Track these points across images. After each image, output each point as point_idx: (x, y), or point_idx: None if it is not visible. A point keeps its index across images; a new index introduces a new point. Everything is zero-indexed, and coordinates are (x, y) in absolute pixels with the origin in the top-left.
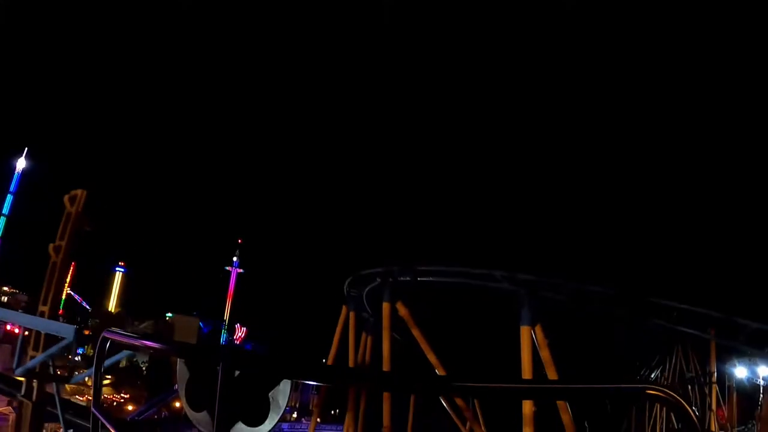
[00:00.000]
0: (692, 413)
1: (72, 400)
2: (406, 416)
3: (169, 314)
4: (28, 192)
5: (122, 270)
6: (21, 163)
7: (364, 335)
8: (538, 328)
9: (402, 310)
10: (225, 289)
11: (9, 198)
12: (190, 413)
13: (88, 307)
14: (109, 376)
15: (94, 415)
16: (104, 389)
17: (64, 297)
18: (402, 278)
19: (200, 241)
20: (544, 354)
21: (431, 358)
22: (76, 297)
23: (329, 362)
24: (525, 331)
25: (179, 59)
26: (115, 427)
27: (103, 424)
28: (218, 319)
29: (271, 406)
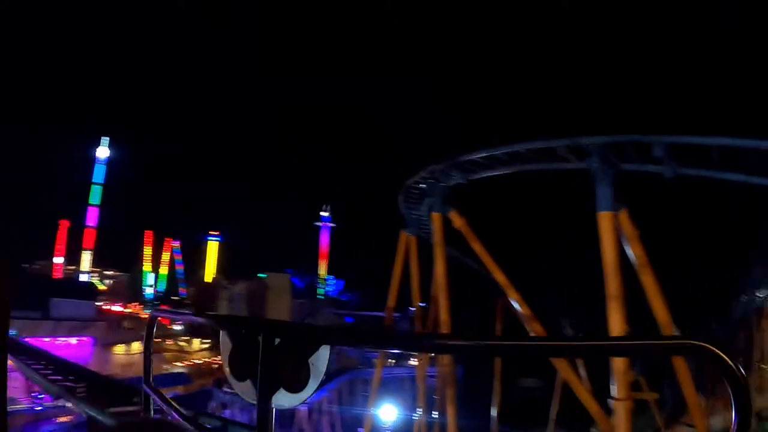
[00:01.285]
0: (737, 370)
1: (172, 366)
2: None
3: (262, 274)
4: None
5: (217, 239)
6: (103, 152)
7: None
8: (622, 215)
9: (457, 221)
10: (317, 244)
11: (102, 168)
12: (234, 383)
13: (184, 277)
14: (209, 341)
15: (144, 391)
16: (202, 353)
17: (166, 272)
18: (450, 180)
19: (289, 199)
20: (635, 249)
21: (498, 277)
22: (180, 269)
23: (391, 300)
24: (605, 219)
25: None
26: (165, 403)
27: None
28: (313, 274)
29: (311, 372)
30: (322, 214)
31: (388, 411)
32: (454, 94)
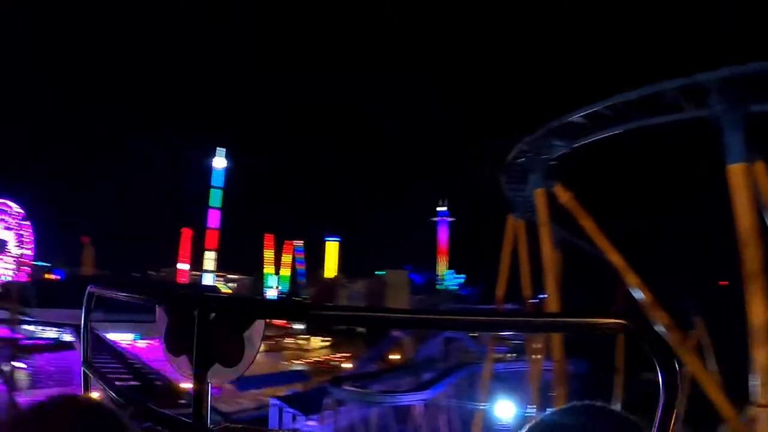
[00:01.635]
0: (664, 347)
1: (291, 364)
2: None
3: (380, 272)
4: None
5: (336, 239)
6: (220, 162)
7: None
8: (759, 167)
9: (563, 195)
10: (436, 240)
11: (221, 173)
12: (170, 358)
13: (305, 278)
14: (329, 339)
15: (84, 373)
16: (321, 351)
17: (288, 273)
18: (552, 150)
19: (406, 196)
20: None
21: (613, 258)
22: (301, 269)
23: (500, 289)
24: (737, 173)
25: None
26: (106, 384)
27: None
28: (432, 270)
29: (245, 346)
30: (439, 208)
31: (504, 407)
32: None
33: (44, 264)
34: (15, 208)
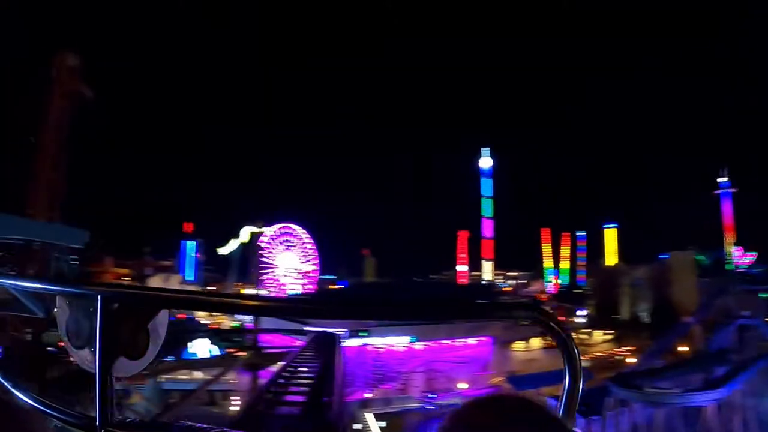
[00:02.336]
0: (566, 336)
1: None
2: None
3: (664, 255)
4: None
5: (613, 225)
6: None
7: None
8: None
9: None
10: (719, 215)
11: (489, 182)
12: (72, 351)
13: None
14: (611, 332)
15: None
16: (603, 345)
17: (567, 266)
18: None
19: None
20: None
21: None
22: (581, 256)
23: None
24: None
25: None
26: (17, 390)
27: None
28: (719, 249)
29: (150, 338)
30: (720, 180)
31: None
32: None
33: (330, 277)
34: (298, 230)
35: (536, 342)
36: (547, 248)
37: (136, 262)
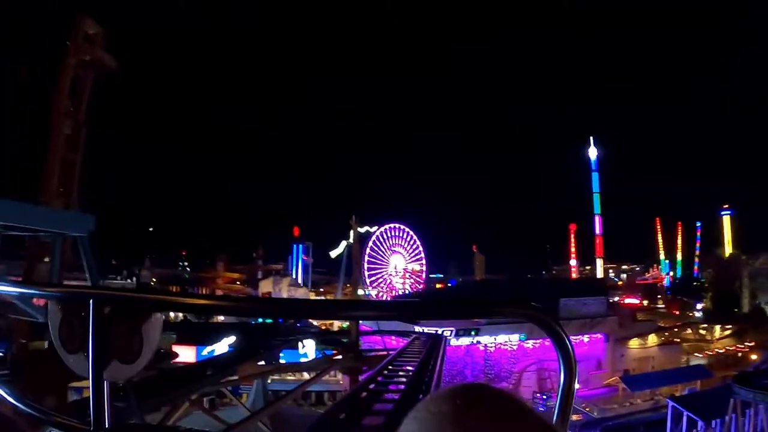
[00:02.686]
0: (563, 333)
1: (691, 357)
2: None
3: None
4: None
5: (729, 212)
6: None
7: None
8: None
9: None
10: None
11: (596, 176)
12: (65, 356)
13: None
14: (730, 326)
15: None
16: (725, 341)
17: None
18: None
19: None
20: None
21: None
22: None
23: None
24: None
25: None
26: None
27: None
28: None
29: (144, 341)
30: None
31: None
32: None
33: (438, 276)
34: (405, 229)
35: (653, 339)
36: (660, 239)
37: (247, 266)
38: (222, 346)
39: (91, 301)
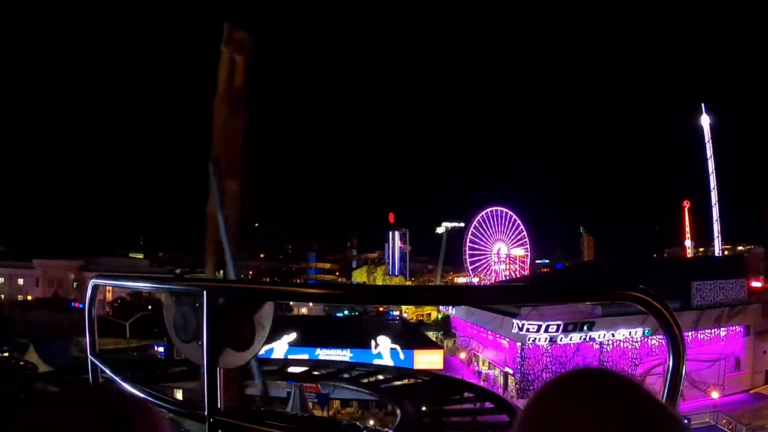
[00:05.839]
0: (670, 317)
1: None
2: None
3: None
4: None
5: None
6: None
7: None
8: None
9: None
10: None
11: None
12: (180, 345)
13: None
14: None
15: (92, 362)
16: None
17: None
18: None
19: None
20: None
21: None
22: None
23: None
24: None
25: None
26: (116, 374)
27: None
28: None
29: (256, 330)
30: None
31: None
32: None
33: (543, 261)
34: (508, 212)
35: None
36: None
37: (340, 255)
38: (282, 345)
39: (204, 292)
